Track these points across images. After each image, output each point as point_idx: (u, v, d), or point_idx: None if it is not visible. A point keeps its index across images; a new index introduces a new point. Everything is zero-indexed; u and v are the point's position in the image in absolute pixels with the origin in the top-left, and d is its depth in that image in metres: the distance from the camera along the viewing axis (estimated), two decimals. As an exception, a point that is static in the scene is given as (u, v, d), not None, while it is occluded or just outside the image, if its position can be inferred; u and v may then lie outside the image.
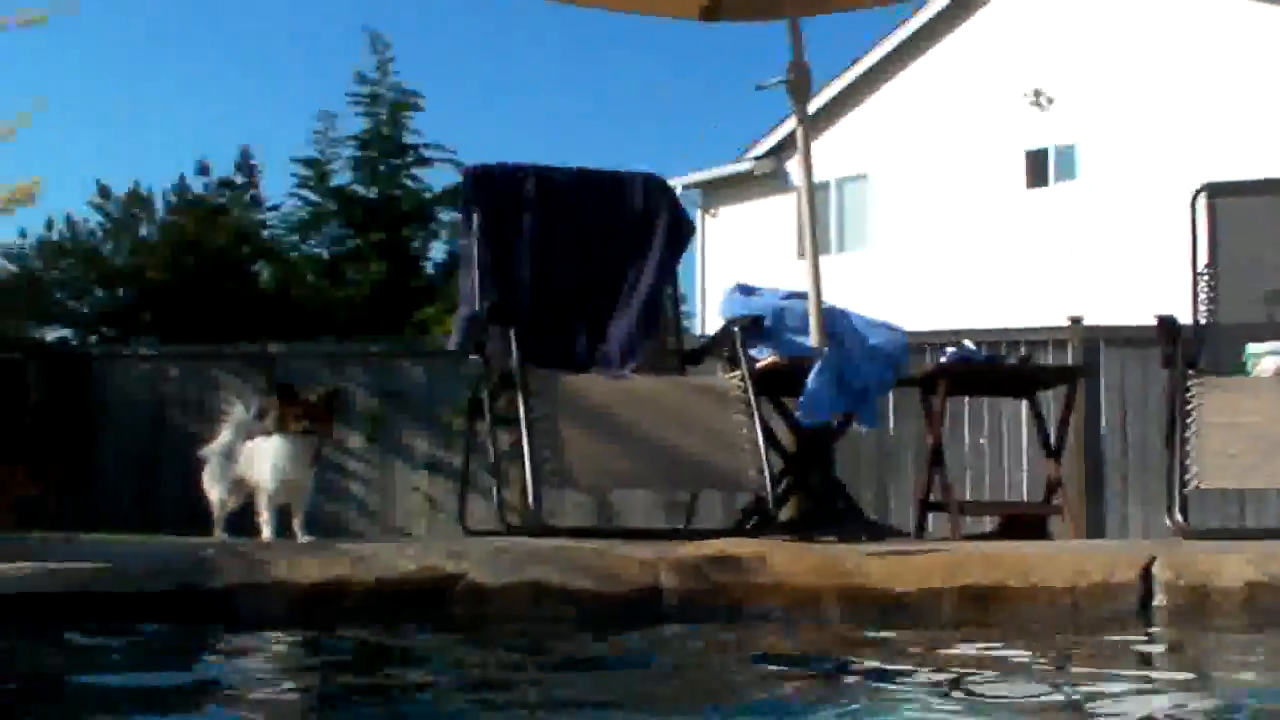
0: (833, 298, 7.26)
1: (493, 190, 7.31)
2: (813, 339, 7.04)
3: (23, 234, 16.82)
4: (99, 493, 12.82)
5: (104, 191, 17.03)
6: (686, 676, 3.96)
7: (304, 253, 17.55)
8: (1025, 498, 11.18)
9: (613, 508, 11.34)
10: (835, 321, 7.22)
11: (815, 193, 7.48)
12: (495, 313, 6.78)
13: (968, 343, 8.42)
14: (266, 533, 5.77)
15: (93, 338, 16.25)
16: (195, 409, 12.92)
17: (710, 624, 4.69)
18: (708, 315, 21.99)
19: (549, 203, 7.36)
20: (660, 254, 7.42)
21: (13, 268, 16.73)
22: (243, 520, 6.30)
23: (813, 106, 22.80)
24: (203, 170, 17.32)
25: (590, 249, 7.38)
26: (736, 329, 7.00)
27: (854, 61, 25.85)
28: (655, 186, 7.62)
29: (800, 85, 7.29)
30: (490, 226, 7.18)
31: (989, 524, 9.10)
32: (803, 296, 7.25)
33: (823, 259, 7.28)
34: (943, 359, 8.28)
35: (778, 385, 7.35)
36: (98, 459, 12.80)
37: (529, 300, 7.10)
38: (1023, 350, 10.66)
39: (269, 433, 5.85)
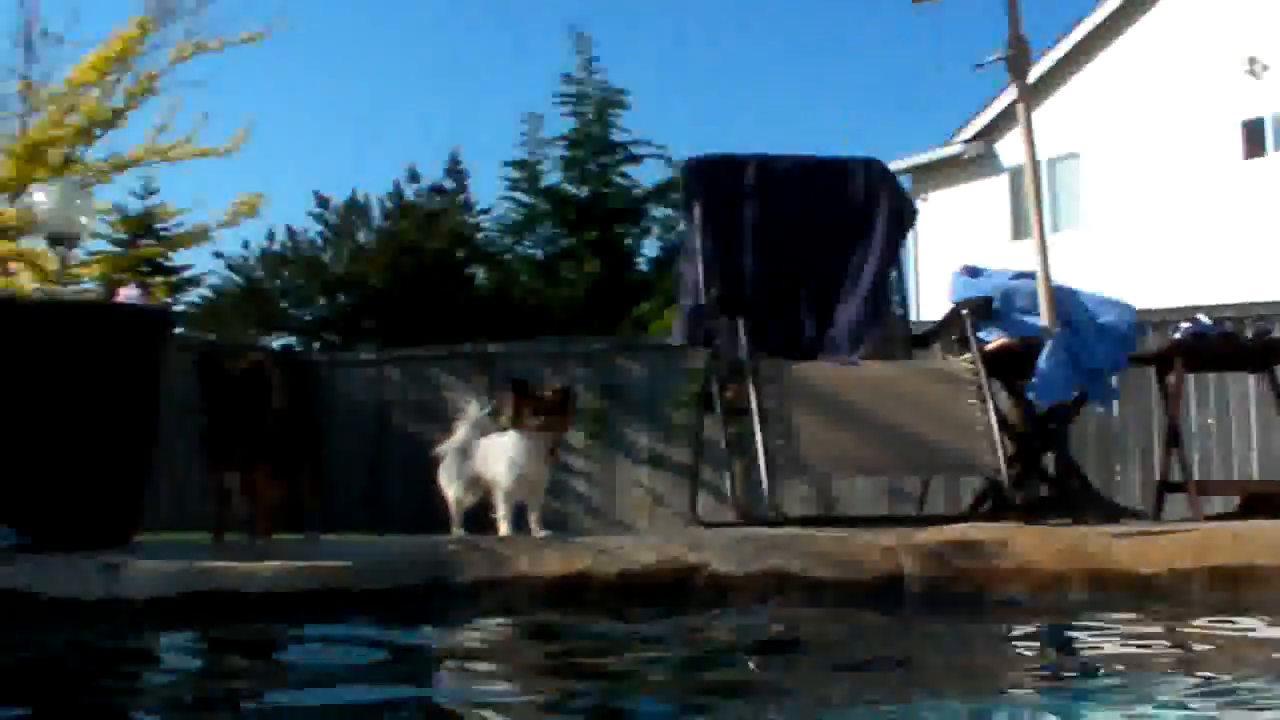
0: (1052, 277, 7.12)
1: (714, 181, 7.30)
2: (1043, 319, 6.92)
3: (246, 246, 17.27)
4: (327, 494, 13.05)
5: (322, 201, 17.39)
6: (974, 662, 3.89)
7: (518, 254, 17.70)
8: (1257, 476, 10.87)
9: (834, 497, 11.26)
10: (1065, 301, 7.08)
11: (1022, 175, 7.35)
12: (723, 303, 6.77)
13: (1202, 317, 8.17)
14: (504, 528, 5.79)
15: (316, 344, 16.57)
16: (417, 411, 13.14)
17: (954, 610, 4.61)
18: (921, 300, 21.79)
19: (771, 191, 7.32)
20: (883, 238, 7.34)
21: (238, 279, 17.13)
22: (475, 518, 6.36)
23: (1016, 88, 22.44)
24: (413, 177, 17.56)
25: (813, 236, 7.32)
26: (965, 311, 6.89)
27: (1059, 39, 25.37)
28: (876, 171, 7.54)
29: (1019, 60, 7.18)
30: (713, 217, 7.17)
31: (1219, 505, 8.82)
32: (1030, 277, 7.12)
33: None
34: (1175, 335, 8.05)
35: (1008, 367, 7.22)
36: (325, 462, 13.05)
37: (754, 289, 7.07)
38: (1258, 323, 10.33)
39: (504, 430, 5.89)
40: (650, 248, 17.48)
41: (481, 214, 17.89)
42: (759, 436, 6.24)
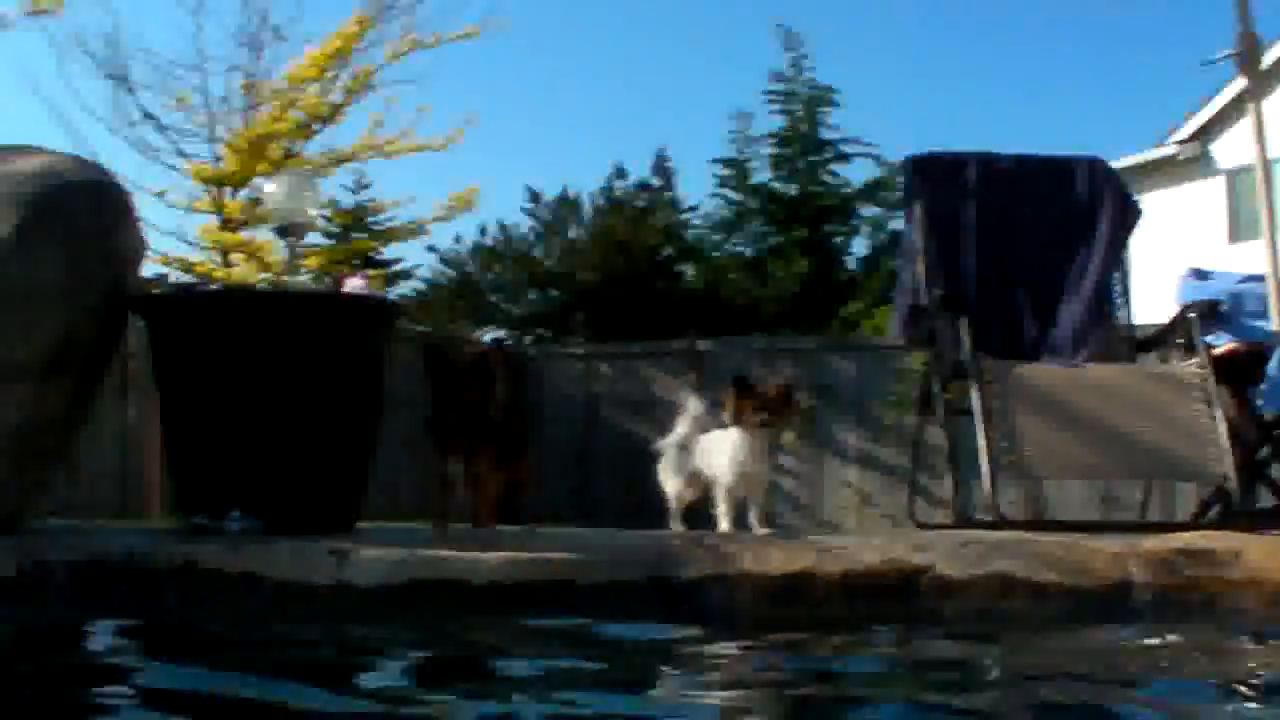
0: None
1: (935, 178, 7.21)
2: (1274, 323, 6.74)
3: (458, 240, 17.48)
4: (537, 486, 13.19)
5: (534, 196, 17.53)
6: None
7: (727, 252, 17.68)
8: None
9: (1044, 501, 11.08)
10: (1296, 305, 6.89)
11: (1241, 177, 7.18)
12: (945, 302, 6.69)
13: None
14: (724, 525, 5.78)
15: (526, 338, 16.74)
16: (626, 405, 13.21)
17: (1185, 621, 4.50)
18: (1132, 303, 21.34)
19: (992, 189, 7.22)
20: (1107, 239, 7.20)
21: (451, 272, 17.35)
22: (689, 514, 6.37)
23: (1234, 88, 21.90)
24: (620, 174, 17.64)
25: (1035, 235, 7.21)
26: (1192, 314, 6.74)
27: (1280, 36, 24.67)
28: (1100, 170, 7.39)
29: (1250, 55, 7.01)
30: (934, 215, 7.09)
31: None
32: (1259, 280, 6.95)
33: (1254, 244, 6.95)
34: None
35: (1235, 372, 7.03)
36: (536, 455, 13.19)
37: (975, 289, 6.98)
38: None
39: (724, 426, 5.88)
40: (859, 246, 17.38)
41: (689, 211, 17.90)
42: (981, 438, 6.16)
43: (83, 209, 5.60)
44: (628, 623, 4.31)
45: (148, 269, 10.56)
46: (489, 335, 16.89)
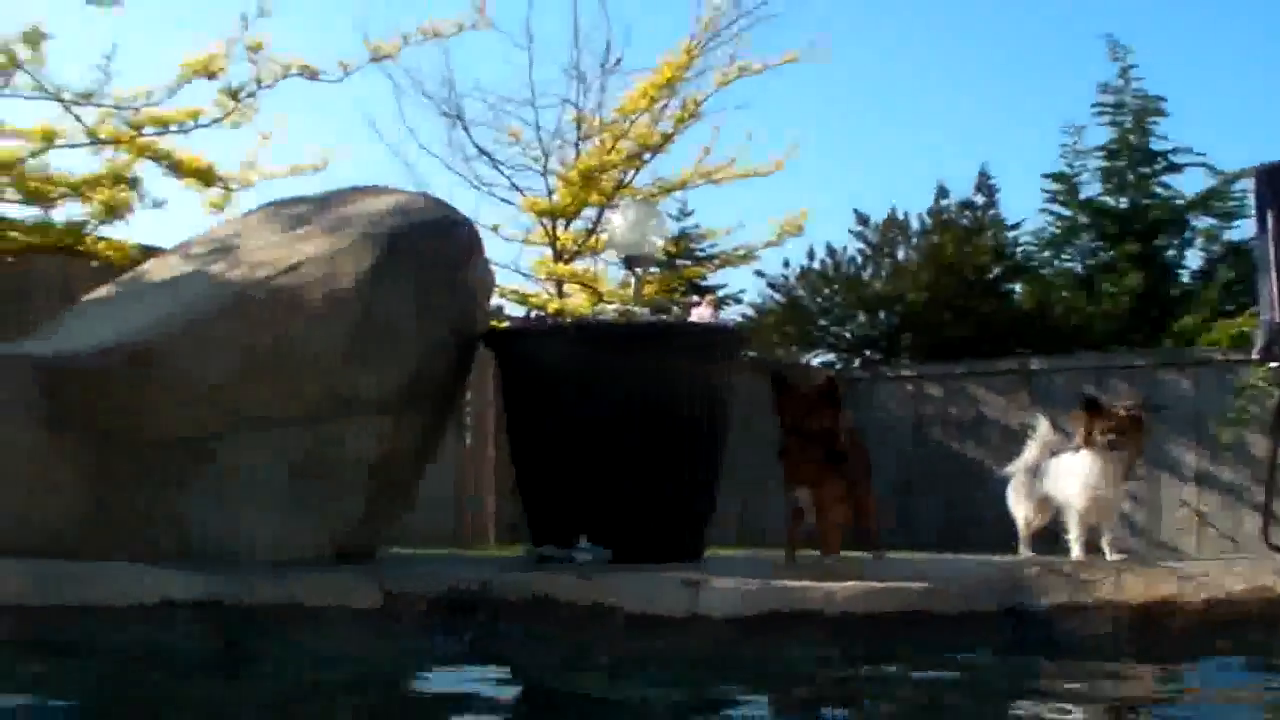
0: None
1: (1286, 188, 6.95)
2: None
3: (786, 264, 17.47)
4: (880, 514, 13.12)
5: (862, 219, 17.42)
6: None
7: (1056, 268, 17.32)
8: None
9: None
10: None
11: None
12: (1300, 318, 6.44)
13: None
14: (1076, 551, 5.65)
15: (855, 360, 16.65)
16: (955, 427, 13.07)
17: None
18: None
19: (1347, 197, 6.91)
20: None
21: (778, 297, 17.36)
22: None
23: None
24: (943, 193, 17.41)
25: (1395, 242, 6.87)
26: None
27: None
28: None
29: None
30: (1286, 226, 6.82)
31: None
32: None
33: None
34: None
35: None
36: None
37: (1331, 303, 6.68)
38: None
39: (1075, 449, 5.74)
40: (1193, 259, 16.81)
41: (1013, 228, 17.58)
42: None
43: (433, 246, 5.78)
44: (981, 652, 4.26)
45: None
46: (818, 359, 16.85)
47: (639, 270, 6.47)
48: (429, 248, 5.73)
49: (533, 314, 8.37)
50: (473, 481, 10.04)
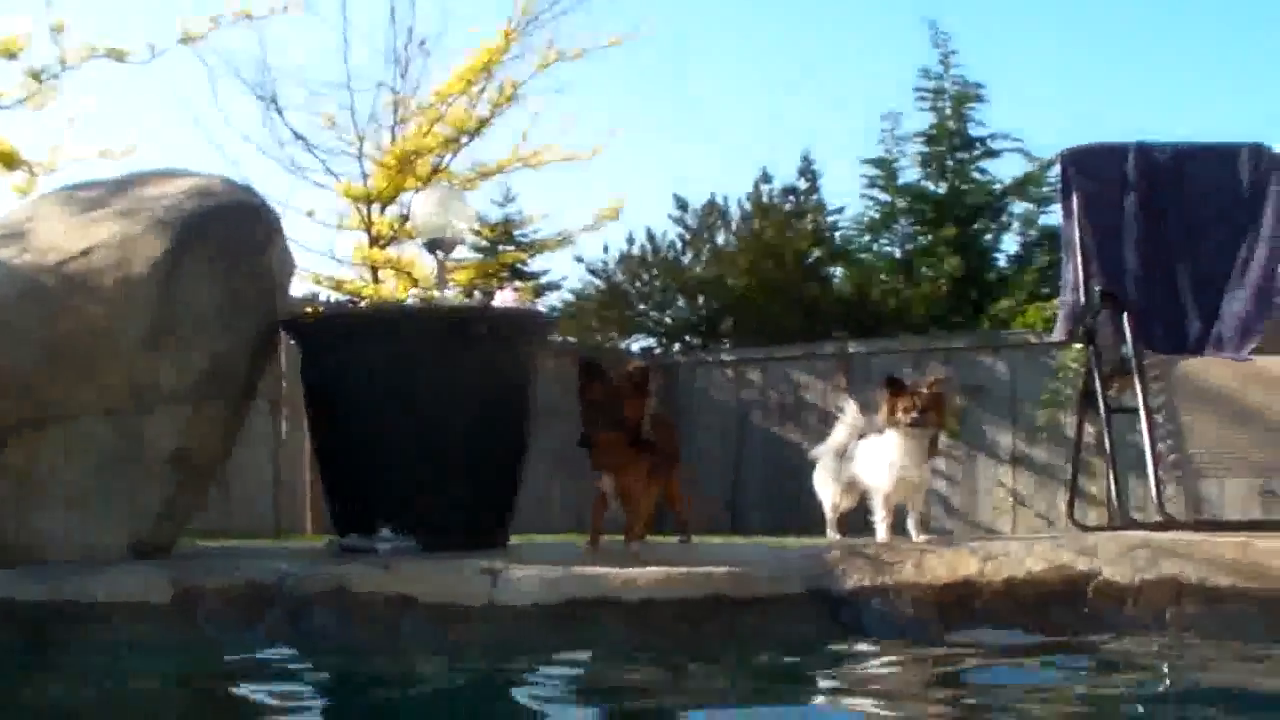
0: None
1: (1092, 171, 7.01)
2: None
3: (605, 250, 17.44)
4: (689, 498, 13.19)
5: (681, 204, 17.45)
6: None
7: (876, 253, 17.50)
8: None
9: (1202, 499, 10.81)
10: None
11: None
12: (1106, 298, 6.51)
13: None
14: (882, 533, 5.66)
15: (675, 346, 16.67)
16: (777, 411, 13.13)
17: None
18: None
19: (1151, 180, 6.99)
20: (1272, 227, 6.93)
21: (598, 283, 17.32)
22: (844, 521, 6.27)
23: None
24: (765, 178, 17.49)
25: (1197, 226, 6.97)
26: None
27: None
28: (1264, 156, 7.11)
29: None
30: (1091, 209, 6.88)
31: None
32: None
33: None
34: None
35: None
36: (686, 462, 13.19)
37: (1136, 282, 6.77)
38: None
39: (880, 432, 5.74)
40: (1009, 244, 17.07)
41: (836, 213, 17.72)
42: (1146, 436, 5.98)
43: (232, 230, 5.63)
44: (787, 635, 4.24)
45: (298, 288, 10.64)
46: (638, 344, 16.85)
47: (441, 254, 6.37)
48: (227, 232, 5.58)
49: (332, 299, 8.22)
50: (290, 472, 9.87)
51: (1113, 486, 6.57)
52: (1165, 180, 7.03)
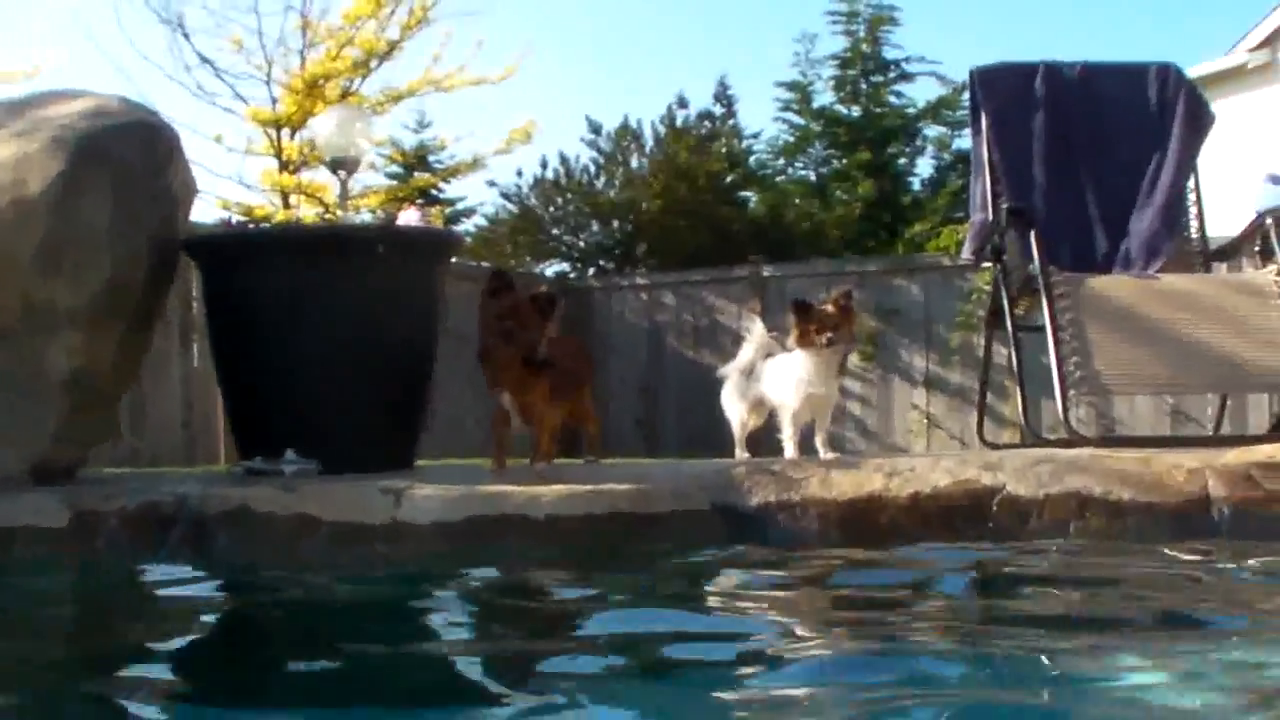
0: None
1: (1001, 90, 7.02)
2: (1357, 228, 6.53)
3: (519, 174, 17.31)
4: (602, 418, 13.21)
5: (595, 127, 17.33)
6: None
7: (791, 177, 17.50)
8: None
9: (1113, 418, 10.92)
10: (1380, 209, 6.66)
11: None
12: (1014, 215, 6.51)
13: None
14: (790, 450, 5.66)
15: (590, 270, 16.61)
16: (691, 335, 13.12)
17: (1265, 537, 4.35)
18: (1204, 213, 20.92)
19: (1060, 99, 7.02)
20: (1180, 146, 6.98)
21: (512, 208, 17.21)
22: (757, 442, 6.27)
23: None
24: (681, 103, 17.42)
25: (1105, 144, 7.00)
26: (1269, 221, 6.53)
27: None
28: (1171, 76, 7.17)
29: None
30: (1000, 128, 6.90)
31: None
32: (1342, 184, 6.72)
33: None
34: None
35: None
36: (601, 386, 13.22)
37: (1045, 201, 6.79)
38: None
39: (788, 350, 5.74)
40: (924, 167, 17.12)
41: (751, 138, 17.69)
42: (1053, 354, 6.01)
43: (130, 150, 5.52)
44: (691, 551, 4.24)
45: (208, 214, 10.52)
46: (553, 269, 16.78)
47: (344, 174, 6.30)
48: (125, 152, 5.47)
49: (233, 221, 8.12)
50: (204, 399, 9.76)
51: (1021, 405, 6.59)
52: (1073, 99, 7.05)
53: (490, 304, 5.07)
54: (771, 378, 5.85)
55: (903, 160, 17.15)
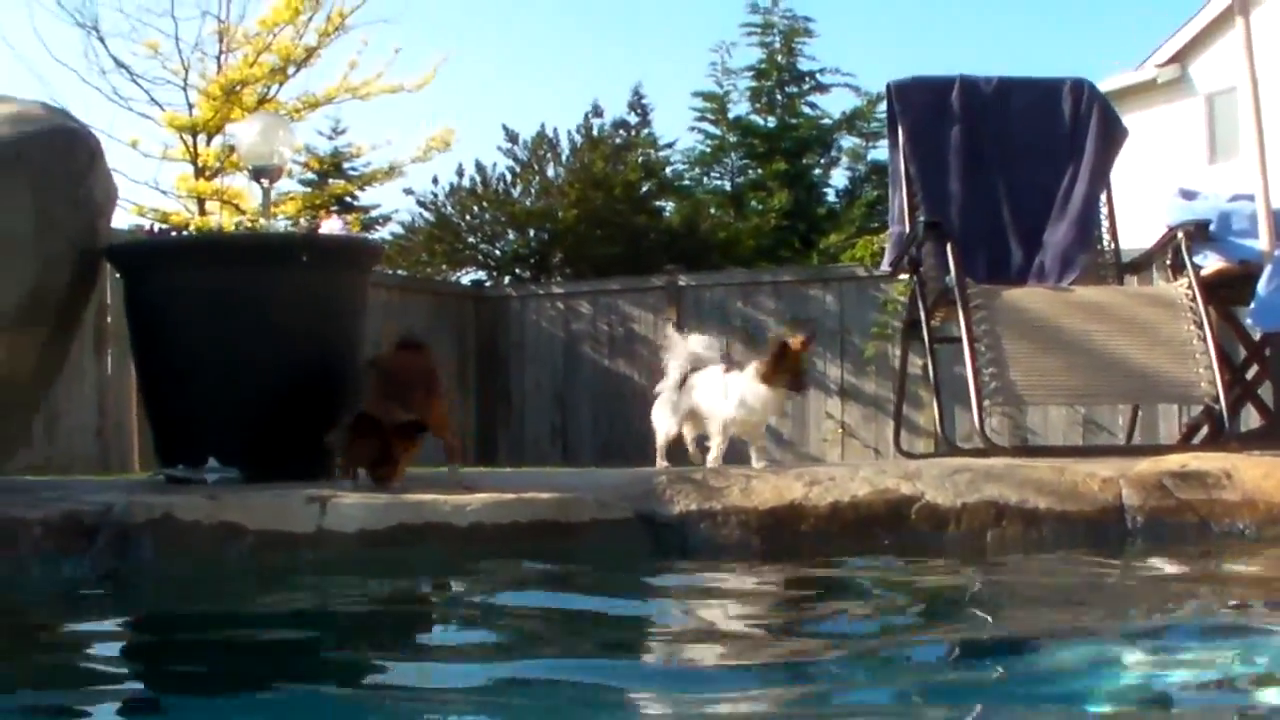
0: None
1: (917, 104, 7.11)
2: (1262, 242, 6.66)
3: (435, 182, 17.31)
4: (517, 426, 13.26)
5: (511, 136, 17.36)
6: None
7: (706, 187, 17.60)
8: None
9: (1027, 428, 11.07)
10: (1284, 224, 6.79)
11: (1219, 99, 7.10)
12: (930, 228, 6.59)
13: None
14: (714, 454, 5.71)
15: (506, 279, 16.63)
16: (606, 344, 13.14)
17: (1178, 543, 4.46)
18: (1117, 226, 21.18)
19: (975, 112, 7.11)
20: (1093, 160, 7.10)
21: (428, 216, 17.20)
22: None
23: (1212, 10, 21.81)
24: (597, 112, 17.49)
25: (1020, 158, 7.11)
26: (1180, 234, 6.66)
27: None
28: (1085, 91, 7.28)
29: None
30: (916, 141, 6.99)
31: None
32: (1249, 198, 6.85)
33: (1233, 165, 6.87)
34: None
35: (1225, 293, 6.95)
36: (517, 395, 13.23)
37: (961, 213, 6.88)
38: None
39: (729, 368, 5.81)
40: (839, 178, 17.29)
41: (667, 147, 17.77)
42: (969, 364, 6.09)
43: (50, 156, 5.48)
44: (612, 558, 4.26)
45: (124, 220, 10.44)
46: (468, 277, 16.76)
47: (266, 182, 6.29)
48: (45, 158, 5.43)
49: (155, 228, 8.07)
50: (119, 406, 9.69)
51: (937, 415, 6.67)
52: (989, 113, 7.15)
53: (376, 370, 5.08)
54: (705, 389, 5.86)
55: (818, 171, 17.31)
